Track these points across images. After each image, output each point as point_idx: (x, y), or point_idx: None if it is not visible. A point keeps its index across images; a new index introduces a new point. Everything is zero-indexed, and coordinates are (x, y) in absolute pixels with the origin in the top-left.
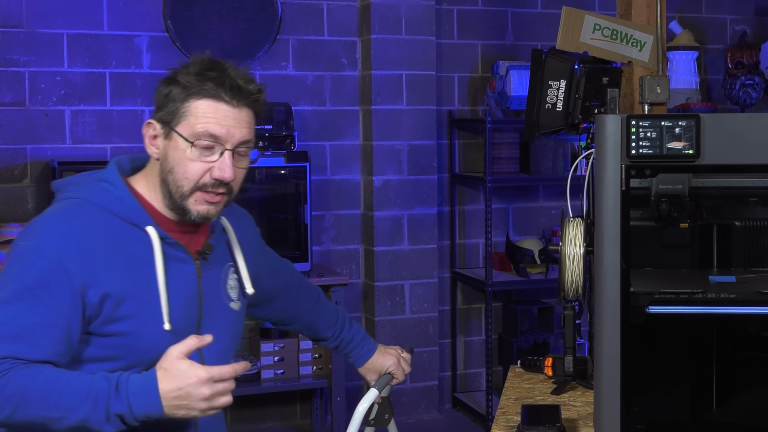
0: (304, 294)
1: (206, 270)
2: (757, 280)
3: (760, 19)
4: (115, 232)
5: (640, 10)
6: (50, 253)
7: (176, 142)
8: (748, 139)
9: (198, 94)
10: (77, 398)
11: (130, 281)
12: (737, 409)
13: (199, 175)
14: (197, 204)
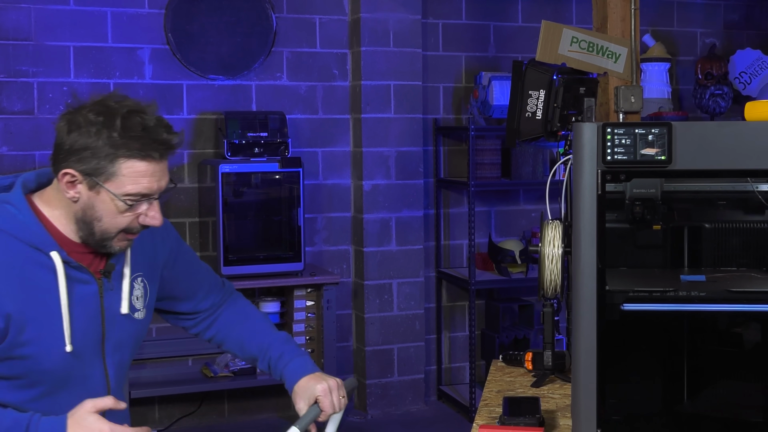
0: (229, 307)
1: (108, 288)
2: (725, 279)
3: (728, 33)
4: (18, 257)
5: (616, 23)
6: None
7: (104, 196)
8: (717, 146)
9: (126, 155)
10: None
11: (32, 306)
12: (707, 401)
13: (128, 222)
14: (119, 242)
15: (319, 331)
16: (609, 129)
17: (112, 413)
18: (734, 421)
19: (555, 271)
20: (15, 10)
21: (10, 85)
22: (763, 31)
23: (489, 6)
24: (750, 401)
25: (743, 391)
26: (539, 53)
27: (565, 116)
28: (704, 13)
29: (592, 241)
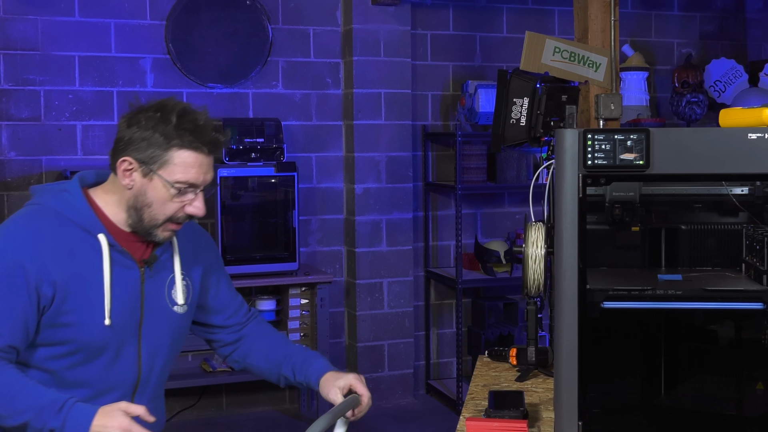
0: (254, 326)
1: (149, 277)
2: (701, 278)
3: (704, 43)
4: (70, 236)
5: (596, 34)
6: (10, 254)
7: (156, 183)
8: (693, 151)
9: (180, 145)
10: (26, 405)
11: (77, 280)
12: (683, 394)
13: (175, 211)
14: (164, 231)
15: (313, 327)
16: (590, 135)
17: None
18: (709, 414)
19: (538, 270)
20: (22, 21)
21: (18, 93)
22: (737, 41)
23: (475, 18)
24: (724, 395)
25: (718, 385)
26: (523, 63)
27: (547, 123)
28: (681, 25)
29: (573, 242)
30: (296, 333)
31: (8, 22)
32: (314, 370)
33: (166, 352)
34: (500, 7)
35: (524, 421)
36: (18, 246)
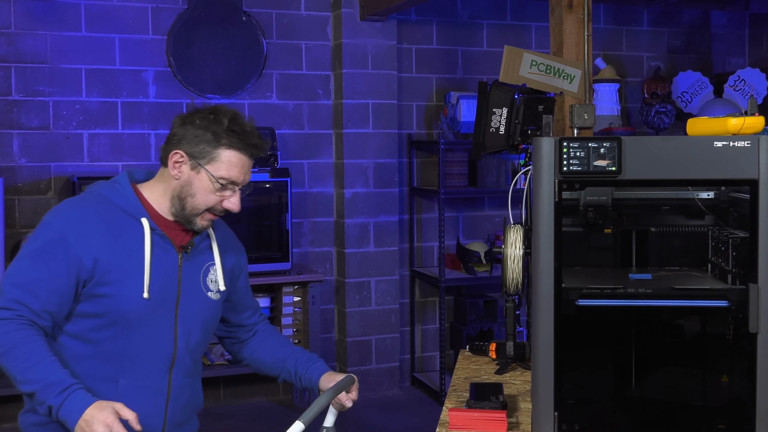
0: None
1: (186, 261)
2: (669, 277)
3: (671, 56)
4: (116, 219)
5: (570, 48)
6: (57, 226)
7: (203, 176)
8: (662, 158)
9: (228, 145)
10: (37, 377)
11: (120, 256)
12: (653, 386)
13: (215, 204)
14: (203, 220)
15: (305, 324)
16: (565, 143)
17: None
18: (677, 404)
19: (516, 270)
20: (32, 36)
21: (28, 104)
22: (703, 55)
23: (457, 33)
24: (691, 386)
25: (685, 377)
26: (502, 75)
27: (525, 131)
28: (650, 39)
29: (549, 243)
30: (289, 329)
31: (19, 36)
32: (316, 368)
33: (199, 333)
34: (480, 23)
35: (503, 412)
36: (65, 222)
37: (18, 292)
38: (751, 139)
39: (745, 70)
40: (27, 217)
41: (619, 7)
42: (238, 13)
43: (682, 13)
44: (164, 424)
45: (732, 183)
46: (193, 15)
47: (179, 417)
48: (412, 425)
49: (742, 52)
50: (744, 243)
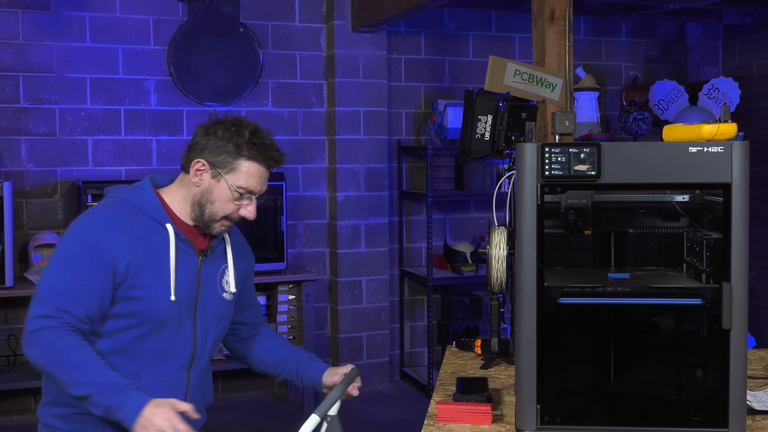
0: (265, 328)
1: (206, 264)
2: (646, 276)
3: (649, 66)
4: (142, 223)
5: (552, 58)
6: (91, 232)
7: (222, 185)
8: (639, 163)
9: (248, 157)
10: (93, 380)
11: (148, 259)
12: (631, 380)
13: (232, 211)
14: (220, 226)
15: (299, 321)
16: (547, 148)
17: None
18: (653, 398)
19: (501, 269)
20: (40, 47)
21: (36, 111)
22: (678, 65)
23: (444, 43)
24: (666, 380)
25: (661, 371)
26: (487, 84)
27: (509, 137)
28: (628, 50)
29: (532, 244)
30: (284, 326)
31: (27, 47)
32: (317, 367)
33: (214, 331)
34: (467, 34)
35: (488, 404)
36: (98, 228)
37: (60, 300)
38: (724, 145)
39: (719, 79)
40: (34, 219)
41: (599, 19)
42: (235, 24)
43: (658, 25)
44: (182, 417)
45: (706, 187)
46: (192, 27)
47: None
48: (402, 418)
49: (716, 62)
50: (717, 244)
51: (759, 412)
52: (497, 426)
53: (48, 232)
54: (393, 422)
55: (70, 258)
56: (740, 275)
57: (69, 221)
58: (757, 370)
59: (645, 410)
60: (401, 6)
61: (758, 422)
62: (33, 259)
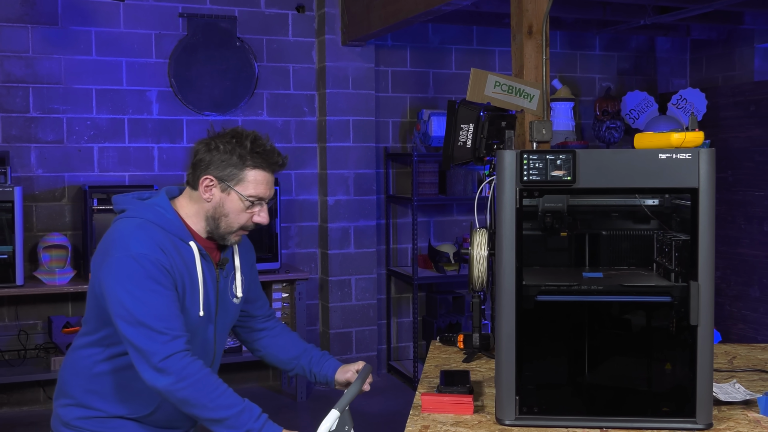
0: (276, 324)
1: (222, 276)
2: (618, 275)
3: (621, 78)
4: (171, 242)
5: (530, 70)
6: (151, 257)
7: (233, 197)
8: (611, 169)
9: (252, 166)
10: (231, 403)
11: (183, 276)
12: (604, 373)
13: (246, 220)
14: (236, 236)
15: (292, 317)
16: (525, 155)
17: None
18: (625, 390)
19: (482, 269)
20: (48, 60)
21: (45, 120)
22: (649, 76)
23: (429, 57)
24: (637, 373)
25: (632, 365)
26: (469, 94)
27: (490, 145)
28: (601, 62)
29: (511, 245)
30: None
31: (36, 60)
32: (330, 365)
33: (226, 334)
34: (450, 48)
35: (470, 396)
36: (150, 249)
37: (172, 324)
38: (691, 152)
39: (687, 90)
40: (43, 221)
41: (574, 34)
42: (232, 39)
43: (630, 39)
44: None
45: (675, 191)
46: (192, 41)
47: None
48: (389, 408)
49: (684, 74)
50: (685, 245)
51: (724, 403)
52: (478, 416)
53: (56, 233)
54: (381, 412)
55: (148, 285)
56: (707, 274)
57: (76, 224)
58: (722, 363)
59: (617, 401)
60: (388, 21)
61: (724, 413)
62: (42, 260)
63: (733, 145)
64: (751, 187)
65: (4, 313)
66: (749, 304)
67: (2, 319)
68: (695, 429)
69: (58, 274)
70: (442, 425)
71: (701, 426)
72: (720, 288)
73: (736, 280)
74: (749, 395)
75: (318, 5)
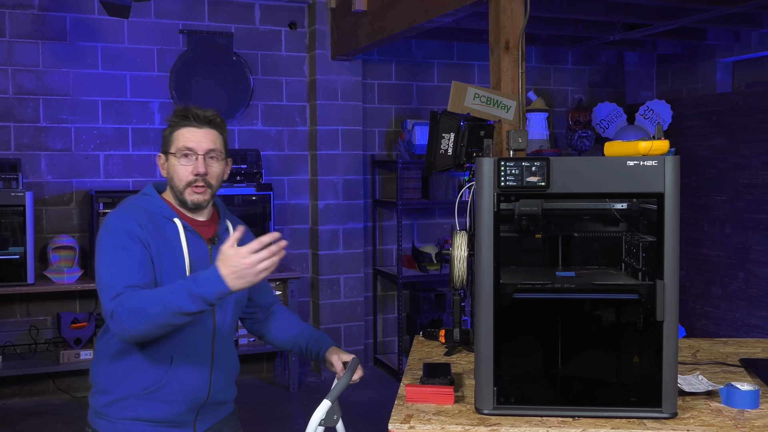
0: (280, 308)
1: (215, 250)
2: (589, 274)
3: (591, 90)
4: (156, 221)
5: (507, 83)
6: (123, 227)
7: (171, 159)
8: (583, 175)
9: (176, 125)
10: (170, 295)
11: (165, 251)
12: (576, 365)
13: (186, 174)
14: (190, 195)
15: None
16: (502, 162)
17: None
18: (596, 381)
19: (462, 268)
20: (57, 73)
21: (54, 130)
22: (618, 89)
23: (412, 70)
24: (607, 366)
25: (602, 358)
26: (450, 105)
27: (469, 153)
28: (574, 76)
29: (489, 246)
30: None
31: (46, 74)
32: (322, 343)
33: (231, 310)
34: (432, 62)
35: (451, 387)
36: (126, 223)
37: (122, 279)
38: (658, 160)
39: (653, 102)
40: (52, 224)
41: (548, 49)
42: (229, 54)
43: (600, 54)
44: (209, 389)
45: (642, 196)
46: (191, 55)
47: (222, 382)
48: (376, 399)
49: (651, 86)
50: (652, 246)
51: (688, 393)
52: (459, 406)
53: (65, 235)
54: (368, 402)
55: (112, 250)
56: (672, 273)
57: (83, 226)
58: (686, 356)
59: (588, 392)
60: (374, 37)
61: (688, 402)
62: (51, 260)
63: (696, 153)
64: (713, 192)
65: (16, 310)
66: (711, 302)
67: (14, 315)
68: (661, 418)
69: (66, 273)
70: (424, 414)
71: (667, 415)
72: (684, 286)
73: (699, 279)
74: (711, 386)
75: (309, 22)
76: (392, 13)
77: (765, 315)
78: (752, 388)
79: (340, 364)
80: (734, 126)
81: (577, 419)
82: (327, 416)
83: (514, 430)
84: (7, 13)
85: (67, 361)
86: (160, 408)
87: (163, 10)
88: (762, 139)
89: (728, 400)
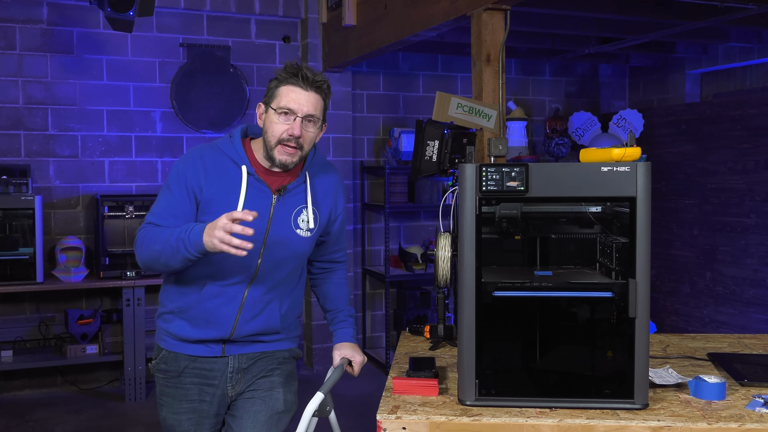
0: (336, 272)
1: (279, 202)
2: (566, 273)
3: (568, 100)
4: (223, 164)
5: (488, 93)
6: (179, 169)
7: (270, 113)
8: (560, 180)
9: (284, 81)
10: (170, 235)
11: (220, 191)
12: (553, 359)
13: (281, 132)
14: (279, 154)
15: None
16: (484, 168)
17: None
18: (572, 374)
19: (446, 268)
20: (65, 84)
21: (61, 137)
22: (593, 99)
23: (399, 81)
24: (582, 360)
25: (578, 352)
26: (435, 114)
27: (452, 159)
28: (551, 86)
29: (472, 247)
30: None
31: (54, 84)
32: (339, 334)
33: (285, 262)
34: (417, 74)
35: (435, 380)
36: (185, 163)
37: (153, 218)
38: (630, 166)
39: (626, 111)
40: (60, 226)
41: (527, 61)
42: (226, 66)
43: (576, 66)
44: (233, 328)
45: (615, 200)
46: (191, 67)
47: (249, 328)
48: (364, 391)
49: (624, 97)
50: (625, 247)
51: (659, 385)
52: (443, 397)
53: (72, 237)
54: (357, 394)
55: (164, 187)
56: (643, 273)
57: (89, 228)
58: (657, 351)
59: (565, 384)
60: (363, 51)
61: (659, 394)
62: (59, 260)
63: (666, 159)
64: (682, 196)
65: (26, 307)
66: (680, 299)
67: (24, 312)
68: (633, 408)
69: (73, 273)
70: (411, 405)
71: (639, 406)
72: (655, 285)
73: (669, 277)
74: (681, 379)
75: (302, 36)
76: (380, 27)
77: (731, 312)
78: (719, 381)
79: (337, 360)
80: (702, 134)
81: (554, 410)
82: (320, 408)
83: (494, 420)
84: (18, 28)
85: (74, 355)
86: (186, 328)
87: (164, 25)
88: (728, 146)
89: (696, 392)
